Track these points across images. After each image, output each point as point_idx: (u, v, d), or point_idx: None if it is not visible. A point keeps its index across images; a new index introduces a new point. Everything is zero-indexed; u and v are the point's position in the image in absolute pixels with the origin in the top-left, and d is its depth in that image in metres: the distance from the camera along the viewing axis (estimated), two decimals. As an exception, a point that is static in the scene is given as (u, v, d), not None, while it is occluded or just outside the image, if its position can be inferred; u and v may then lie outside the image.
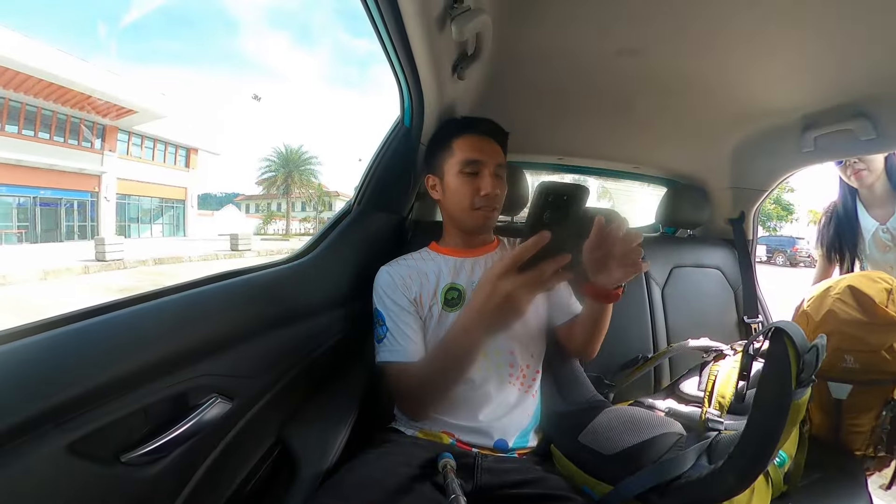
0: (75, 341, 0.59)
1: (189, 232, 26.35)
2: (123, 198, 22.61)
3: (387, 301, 1.01)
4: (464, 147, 1.04)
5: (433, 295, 1.02)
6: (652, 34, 0.97)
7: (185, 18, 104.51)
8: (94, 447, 0.56)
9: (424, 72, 0.93)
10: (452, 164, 1.04)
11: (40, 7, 65.07)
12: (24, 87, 16.76)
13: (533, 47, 1.06)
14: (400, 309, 0.99)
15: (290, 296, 0.95)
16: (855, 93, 1.13)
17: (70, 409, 0.54)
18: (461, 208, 1.05)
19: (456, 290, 1.02)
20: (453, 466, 0.80)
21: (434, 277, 1.04)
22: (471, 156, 1.03)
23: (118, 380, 0.59)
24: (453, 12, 0.78)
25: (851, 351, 1.07)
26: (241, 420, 0.77)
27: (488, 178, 1.03)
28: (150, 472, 0.62)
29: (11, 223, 18.57)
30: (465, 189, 1.03)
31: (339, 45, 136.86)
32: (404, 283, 1.02)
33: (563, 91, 1.28)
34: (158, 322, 0.68)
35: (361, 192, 1.21)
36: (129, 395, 0.60)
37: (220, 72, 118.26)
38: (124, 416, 0.59)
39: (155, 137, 23.54)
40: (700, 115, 1.39)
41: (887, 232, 1.66)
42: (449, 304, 1.01)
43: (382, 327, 0.99)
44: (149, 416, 0.62)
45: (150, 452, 0.61)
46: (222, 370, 0.72)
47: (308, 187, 36.35)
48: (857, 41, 0.92)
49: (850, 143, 1.26)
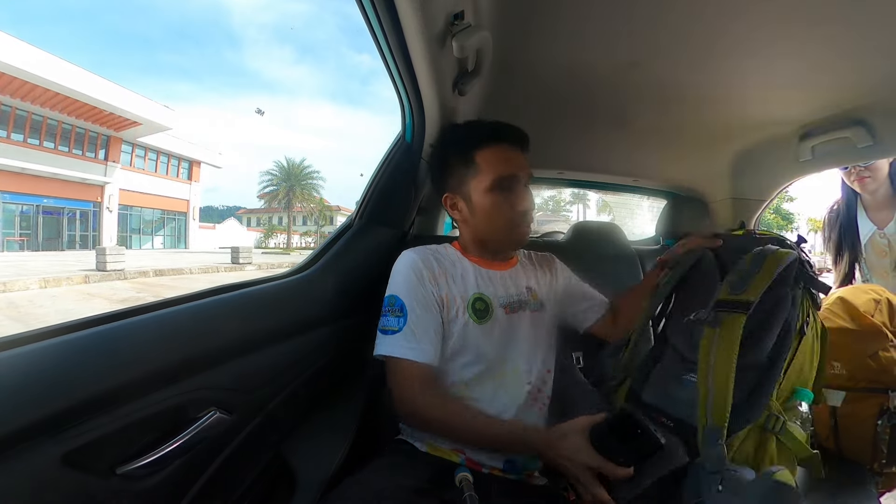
0: (74, 351, 0.59)
1: (190, 244, 26.39)
2: (126, 209, 22.74)
3: (416, 290, 0.92)
4: (493, 162, 0.96)
5: (460, 301, 0.95)
6: (649, 48, 0.98)
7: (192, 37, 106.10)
8: (89, 458, 0.56)
9: (426, 88, 0.94)
10: (481, 182, 0.96)
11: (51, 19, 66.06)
12: (31, 97, 16.95)
13: (532, 62, 1.07)
14: (426, 301, 0.92)
15: (291, 310, 0.95)
16: (851, 101, 1.14)
17: (67, 419, 0.53)
18: (497, 227, 0.99)
19: (483, 301, 0.97)
20: (470, 481, 0.76)
21: (462, 282, 0.98)
22: (504, 172, 0.96)
23: (116, 391, 0.59)
24: (454, 29, 0.78)
25: (838, 358, 1.10)
26: (239, 434, 0.77)
27: (522, 190, 0.98)
28: (146, 485, 0.62)
29: (14, 230, 18.66)
30: (502, 208, 0.96)
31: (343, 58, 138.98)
32: (434, 276, 0.95)
33: (562, 105, 1.29)
34: (157, 334, 0.68)
35: (363, 207, 1.21)
36: (127, 406, 0.59)
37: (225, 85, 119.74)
38: (121, 427, 0.59)
39: (158, 149, 23.73)
40: (698, 127, 1.40)
41: (884, 237, 1.66)
42: (477, 315, 0.95)
43: (400, 318, 0.90)
44: (146, 428, 0.62)
45: (147, 465, 0.61)
46: (221, 384, 0.72)
47: (309, 201, 36.55)
48: (853, 51, 0.93)
49: (847, 150, 1.28)
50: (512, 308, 1.00)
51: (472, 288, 0.97)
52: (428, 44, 0.78)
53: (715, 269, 0.96)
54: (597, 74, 1.12)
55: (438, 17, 0.75)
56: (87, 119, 19.27)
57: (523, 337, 0.99)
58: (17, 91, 16.36)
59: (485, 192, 0.96)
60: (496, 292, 0.99)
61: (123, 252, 12.90)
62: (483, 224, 0.99)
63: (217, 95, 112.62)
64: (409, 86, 0.94)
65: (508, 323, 0.98)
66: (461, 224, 1.05)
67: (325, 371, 0.99)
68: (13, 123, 17.28)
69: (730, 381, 0.77)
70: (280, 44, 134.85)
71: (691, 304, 0.93)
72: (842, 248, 1.77)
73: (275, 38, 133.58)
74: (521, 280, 1.05)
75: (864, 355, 1.08)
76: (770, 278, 0.83)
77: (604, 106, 1.29)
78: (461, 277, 0.98)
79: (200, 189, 27.64)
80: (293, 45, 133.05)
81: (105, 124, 20.00)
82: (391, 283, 0.96)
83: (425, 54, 0.81)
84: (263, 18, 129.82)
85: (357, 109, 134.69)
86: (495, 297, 0.99)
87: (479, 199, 0.97)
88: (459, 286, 0.97)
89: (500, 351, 0.95)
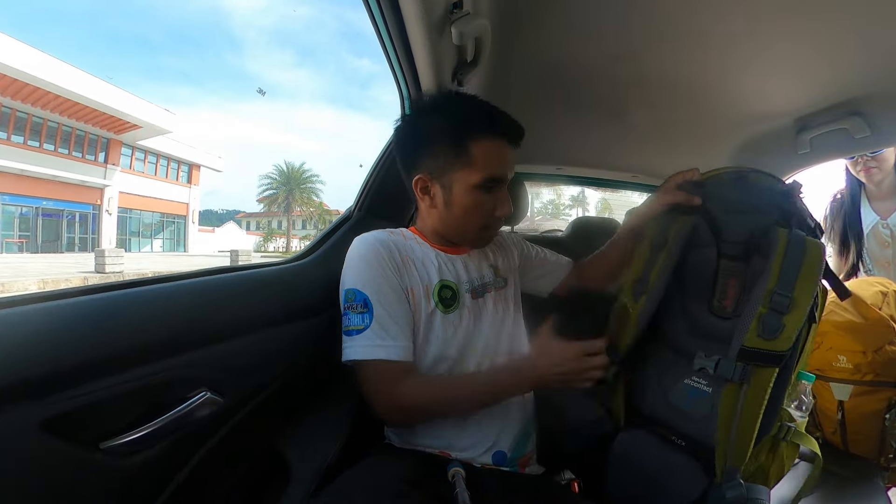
0: (63, 316, 0.58)
1: (190, 248, 26.37)
2: (125, 211, 22.74)
3: (379, 281, 0.83)
4: (489, 157, 0.86)
5: (425, 290, 0.88)
6: (647, 41, 0.99)
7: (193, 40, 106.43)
8: (72, 428, 0.54)
9: (425, 77, 0.94)
10: (470, 176, 0.86)
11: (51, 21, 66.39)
12: (31, 99, 16.98)
13: (530, 54, 1.07)
14: (392, 292, 0.84)
15: (287, 296, 0.94)
16: (847, 92, 1.14)
17: (50, 383, 0.52)
18: (471, 226, 0.91)
19: (449, 288, 0.90)
20: (463, 476, 0.74)
21: (425, 269, 0.90)
22: (498, 172, 0.87)
23: (104, 360, 0.58)
24: (453, 16, 0.79)
25: (844, 351, 1.09)
26: (231, 419, 0.75)
27: (506, 195, 0.91)
28: (130, 463, 0.60)
29: (13, 232, 18.65)
30: (484, 208, 0.89)
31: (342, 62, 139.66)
32: (395, 263, 0.86)
33: (561, 99, 1.30)
34: (151, 307, 0.67)
35: (362, 199, 1.21)
36: (114, 377, 0.58)
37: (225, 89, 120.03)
38: (107, 398, 0.57)
39: (158, 152, 23.77)
40: (696, 122, 1.41)
41: (887, 227, 1.65)
42: (444, 304, 0.88)
43: (365, 315, 0.81)
44: (134, 402, 0.61)
45: (133, 442, 0.60)
46: (213, 363, 0.71)
47: (309, 205, 36.57)
48: (847, 41, 0.93)
49: (845, 141, 1.28)
50: (478, 292, 0.95)
51: (436, 275, 0.90)
52: (427, 30, 0.78)
53: (712, 240, 0.87)
54: (594, 68, 1.12)
55: (438, 5, 0.75)
56: (87, 122, 19.31)
57: (489, 321, 0.94)
58: (19, 93, 16.40)
59: (470, 188, 0.86)
60: (461, 277, 0.93)
61: (122, 254, 12.90)
62: (457, 220, 0.91)
63: (218, 98, 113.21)
64: (409, 74, 0.94)
65: (475, 307, 0.93)
66: (427, 210, 0.94)
67: (321, 362, 0.98)
68: (13, 125, 17.29)
69: (755, 427, 0.73)
70: (280, 47, 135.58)
71: (690, 287, 0.89)
72: (846, 239, 1.75)
73: (275, 42, 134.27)
74: (483, 261, 1.00)
75: (872, 349, 1.07)
76: (811, 295, 0.73)
77: (601, 100, 1.30)
78: (423, 264, 0.90)
79: (200, 192, 27.65)
80: (294, 48, 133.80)
81: (105, 127, 20.02)
82: (347, 275, 0.87)
83: (425, 41, 0.81)
84: (263, 21, 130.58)
85: (357, 113, 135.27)
86: (461, 283, 0.92)
87: (462, 193, 0.87)
88: (422, 274, 0.89)
89: (467, 341, 0.90)
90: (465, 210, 0.89)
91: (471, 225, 0.91)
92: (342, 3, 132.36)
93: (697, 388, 0.83)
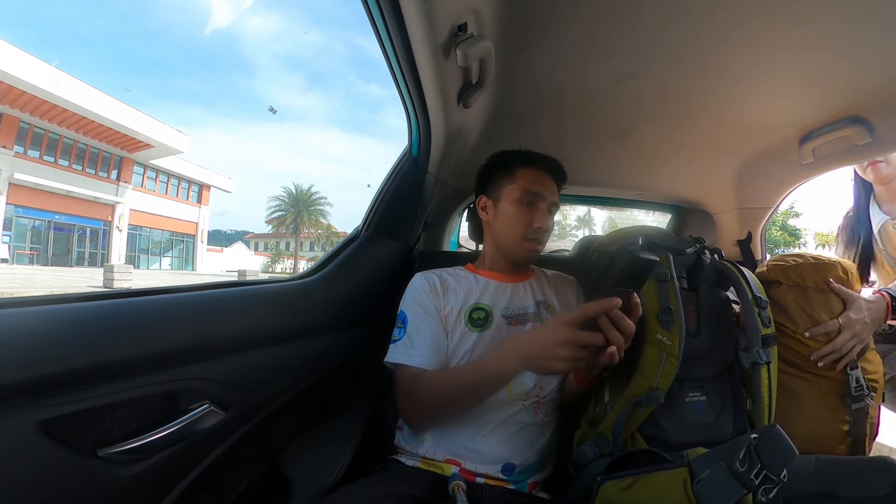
0: (68, 321, 0.58)
1: (198, 266, 26.50)
2: (135, 228, 22.96)
3: (413, 304, 1.00)
4: (528, 177, 1.05)
5: (458, 312, 1.00)
6: (648, 59, 1.00)
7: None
8: (70, 432, 0.54)
9: (431, 99, 0.96)
10: (512, 191, 1.05)
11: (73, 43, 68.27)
12: (48, 116, 17.36)
13: (534, 75, 1.09)
14: (425, 313, 0.99)
15: (292, 313, 0.94)
16: (848, 100, 1.14)
17: (50, 386, 0.52)
18: (512, 236, 1.05)
19: (482, 310, 1.01)
20: (464, 488, 0.78)
21: (462, 295, 1.03)
22: (534, 188, 1.04)
23: (106, 366, 0.58)
24: (458, 39, 0.81)
25: None
26: (233, 434, 0.75)
27: (544, 211, 1.05)
28: (128, 472, 0.60)
29: (25, 244, 18.87)
30: (521, 219, 1.04)
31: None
32: (435, 290, 1.02)
33: (565, 118, 1.31)
34: (156, 317, 0.67)
35: (369, 218, 1.22)
36: (116, 384, 0.58)
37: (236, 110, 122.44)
38: (107, 405, 0.57)
39: (169, 172, 24.11)
40: (700, 139, 1.41)
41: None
42: (474, 324, 0.99)
43: (401, 329, 0.98)
44: (134, 411, 0.61)
45: (131, 451, 0.59)
46: (216, 376, 0.71)
47: (317, 227, 36.86)
48: (847, 50, 0.94)
49: (847, 150, 1.27)
50: (517, 319, 1.02)
51: (471, 299, 1.03)
52: (433, 52, 0.80)
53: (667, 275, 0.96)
54: (598, 88, 1.13)
55: (443, 28, 0.77)
56: (101, 139, 19.64)
57: None
58: (37, 110, 16.79)
59: (512, 200, 1.05)
60: (499, 302, 1.03)
61: (131, 270, 12.99)
62: (502, 229, 1.07)
63: (229, 120, 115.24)
64: (416, 96, 0.96)
65: (508, 333, 0.99)
66: (485, 227, 1.14)
67: (325, 380, 0.98)
68: (30, 140, 17.67)
69: None
70: (291, 71, 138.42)
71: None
72: (852, 242, 1.68)
73: (285, 66, 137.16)
74: (530, 293, 1.08)
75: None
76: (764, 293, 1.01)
77: (606, 119, 1.31)
78: (463, 292, 1.04)
79: (209, 212, 27.92)
80: (304, 72, 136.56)
81: (119, 145, 20.37)
82: (402, 300, 1.03)
83: (430, 63, 0.83)
84: (275, 47, 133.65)
85: (365, 137, 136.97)
86: (496, 307, 1.02)
87: (506, 204, 1.06)
88: (459, 298, 1.03)
89: None
90: (507, 219, 1.06)
91: (513, 234, 1.05)
92: (351, 28, 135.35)
93: (698, 402, 0.92)
